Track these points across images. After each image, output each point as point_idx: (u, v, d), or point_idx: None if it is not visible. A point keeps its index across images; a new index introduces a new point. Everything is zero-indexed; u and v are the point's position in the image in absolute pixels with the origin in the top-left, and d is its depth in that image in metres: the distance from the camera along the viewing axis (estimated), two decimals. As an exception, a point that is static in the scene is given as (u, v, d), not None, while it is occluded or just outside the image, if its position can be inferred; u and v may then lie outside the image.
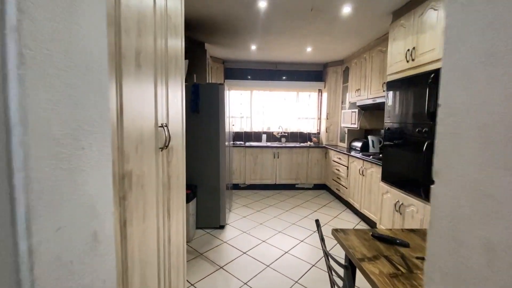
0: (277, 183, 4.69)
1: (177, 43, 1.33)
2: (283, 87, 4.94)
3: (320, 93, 5.15)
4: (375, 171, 2.96)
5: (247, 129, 5.09)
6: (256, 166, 4.62)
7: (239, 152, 4.58)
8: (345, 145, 4.45)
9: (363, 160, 3.25)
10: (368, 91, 3.59)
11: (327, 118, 4.84)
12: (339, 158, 4.04)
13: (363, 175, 3.25)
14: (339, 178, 4.05)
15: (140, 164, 0.83)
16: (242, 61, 4.86)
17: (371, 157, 3.20)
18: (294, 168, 4.68)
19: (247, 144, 4.76)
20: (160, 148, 1.04)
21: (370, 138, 3.84)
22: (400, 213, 2.35)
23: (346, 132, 4.37)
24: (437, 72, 1.95)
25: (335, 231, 1.29)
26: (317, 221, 1.23)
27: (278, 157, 4.63)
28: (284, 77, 5.09)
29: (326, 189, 4.76)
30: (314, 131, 5.19)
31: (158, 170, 1.03)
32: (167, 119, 1.14)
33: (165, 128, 1.07)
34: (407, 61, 2.34)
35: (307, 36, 3.39)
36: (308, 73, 5.12)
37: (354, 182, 3.54)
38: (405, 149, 2.35)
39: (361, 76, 3.83)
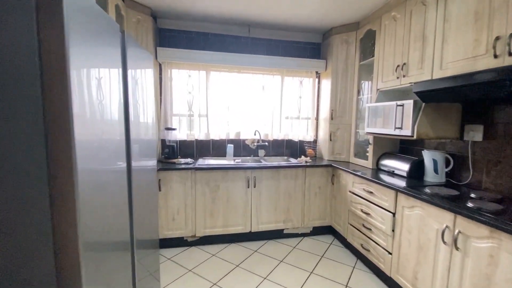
0: (253, 230, 2.69)
1: None
2: (260, 66, 2.96)
3: (318, 78, 3.28)
4: (504, 247, 1.14)
5: (201, 136, 3.01)
6: (217, 203, 2.57)
7: (183, 178, 2.48)
8: (366, 162, 2.63)
9: (460, 214, 1.42)
10: (436, 63, 1.79)
11: (332, 118, 2.99)
12: (369, 192, 2.19)
13: (457, 249, 1.42)
14: (367, 227, 2.20)
15: None
16: (189, 17, 2.76)
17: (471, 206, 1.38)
18: (282, 203, 2.73)
19: (200, 163, 2.67)
20: None
21: (428, 154, 2.05)
22: None
23: (371, 141, 2.55)
24: None
25: None
26: None
27: (254, 186, 2.64)
28: (261, 50, 3.11)
29: (333, 233, 2.90)
30: (309, 138, 3.31)
31: None
32: None
33: None
34: None
35: None
36: (299, 46, 3.21)
37: (415, 251, 1.71)
38: None
39: (411, 40, 2.02)
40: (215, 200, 2.56)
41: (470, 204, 1.44)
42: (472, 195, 1.64)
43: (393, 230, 1.92)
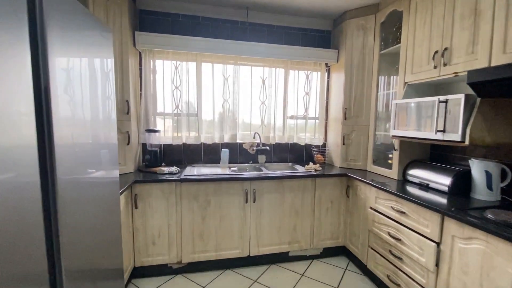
0: (252, 254, 2.22)
1: None
2: (260, 55, 2.49)
3: (327, 71, 2.82)
4: None
5: (190, 140, 2.53)
6: (208, 222, 2.10)
7: (166, 192, 2.00)
8: (389, 172, 2.17)
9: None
10: (496, 46, 1.34)
11: (345, 119, 2.53)
12: (400, 212, 1.73)
13: (556, 309, 0.96)
14: (397, 256, 1.74)
15: None
16: (175, -4, 2.29)
17: None
18: (287, 221, 2.26)
19: (188, 173, 2.19)
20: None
21: (478, 164, 1.59)
22: None
23: (398, 146, 2.09)
24: None
25: None
26: None
27: (254, 200, 2.17)
28: (261, 38, 2.64)
29: (347, 255, 2.44)
30: (318, 141, 2.84)
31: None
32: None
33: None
34: None
35: None
36: (306, 34, 2.75)
37: (477, 298, 1.25)
38: None
39: (456, 18, 1.57)
40: (205, 219, 2.08)
41: None
42: (556, 224, 1.18)
43: (437, 265, 1.46)
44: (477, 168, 1.59)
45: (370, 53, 2.37)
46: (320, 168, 2.46)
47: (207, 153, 2.62)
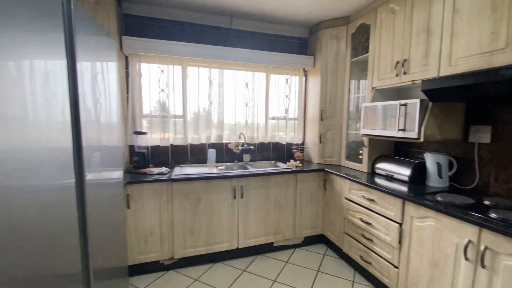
0: (240, 246, 2.38)
1: None
2: (243, 60, 2.65)
3: (305, 76, 3.06)
4: None
5: (177, 141, 2.62)
6: (198, 218, 2.22)
7: (157, 192, 2.08)
8: (360, 166, 2.46)
9: (487, 228, 1.26)
10: (443, 59, 1.64)
11: (321, 119, 2.78)
12: (370, 200, 2.00)
13: (483, 266, 1.26)
14: (368, 238, 2.01)
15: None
16: (161, 1, 2.36)
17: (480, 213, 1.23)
18: (272, 214, 2.46)
19: (177, 173, 2.29)
20: None
21: (431, 157, 1.91)
22: None
23: (367, 143, 2.38)
24: None
25: None
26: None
27: (242, 196, 2.33)
28: (245, 44, 2.80)
29: (326, 243, 2.69)
30: (298, 140, 3.08)
31: None
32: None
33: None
34: None
35: None
36: (285, 41, 2.96)
37: (428, 267, 1.53)
38: None
39: (413, 34, 1.86)
40: (196, 216, 2.20)
41: (493, 215, 1.29)
42: (486, 202, 1.51)
43: (400, 242, 1.74)
44: (430, 160, 1.91)
45: (342, 60, 2.65)
46: (300, 165, 2.69)
47: (194, 153, 2.72)
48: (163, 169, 2.27)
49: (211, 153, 2.64)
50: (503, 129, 1.62)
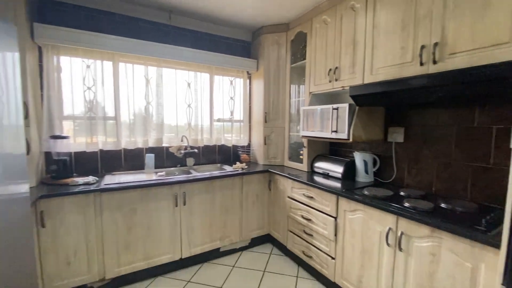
0: (184, 256, 2.24)
1: None
2: (184, 59, 2.53)
3: (249, 78, 3.09)
4: (459, 250, 1.20)
5: (108, 145, 2.33)
6: (135, 231, 2.00)
7: (82, 205, 1.80)
8: (301, 166, 2.60)
9: (402, 216, 1.45)
10: (366, 68, 1.85)
11: (266, 122, 2.85)
12: (309, 197, 2.12)
13: (401, 249, 1.45)
14: (309, 233, 2.13)
15: None
16: (84, -12, 2.07)
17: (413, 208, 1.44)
18: (218, 218, 2.39)
19: (108, 182, 2.03)
20: None
21: (359, 156, 2.14)
22: None
23: (306, 144, 2.53)
24: None
25: None
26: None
27: (184, 203, 2.20)
28: (185, 42, 2.67)
29: (272, 242, 2.76)
30: (243, 142, 3.08)
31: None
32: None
33: None
34: None
35: None
36: (229, 42, 2.94)
37: (359, 255, 1.70)
38: None
39: (343, 44, 2.06)
40: (131, 229, 1.98)
41: (407, 204, 1.50)
42: (402, 193, 1.75)
43: (335, 235, 1.88)
44: (358, 159, 2.13)
45: (283, 65, 2.76)
46: (246, 167, 2.70)
47: (129, 159, 2.46)
48: (90, 178, 1.99)
49: (149, 158, 2.43)
50: (412, 130, 1.91)
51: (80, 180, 1.95)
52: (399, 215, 1.44)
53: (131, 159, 2.47)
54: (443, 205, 1.48)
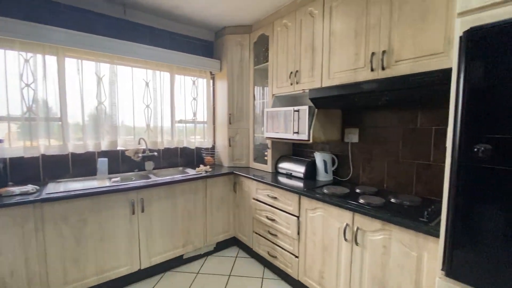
0: (144, 267, 2.10)
1: None
2: (141, 57, 2.38)
3: (212, 79, 3.03)
4: (402, 238, 1.31)
5: (52, 149, 2.08)
6: (84, 244, 1.81)
7: (18, 219, 1.57)
8: (265, 167, 2.62)
9: (358, 212, 1.53)
10: (324, 72, 1.94)
11: (230, 123, 2.82)
12: (273, 198, 2.15)
13: (357, 244, 1.53)
14: (273, 234, 2.16)
15: None
16: (20, -29, 1.83)
17: (365, 203, 1.53)
18: (180, 224, 2.29)
19: (51, 191, 1.81)
20: None
21: (319, 156, 2.23)
22: None
23: (270, 146, 2.56)
24: None
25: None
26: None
27: (142, 210, 2.06)
28: (143, 39, 2.52)
29: (238, 244, 2.73)
30: (207, 144, 3.01)
31: None
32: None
33: None
34: None
35: None
36: (190, 41, 2.85)
37: (320, 252, 1.76)
38: None
39: (302, 49, 2.13)
40: (81, 242, 1.79)
41: (361, 201, 1.59)
42: (357, 190, 1.86)
43: (298, 234, 1.93)
44: (318, 158, 2.22)
45: (247, 67, 2.76)
46: (210, 169, 2.63)
47: (78, 164, 2.23)
48: (29, 188, 1.75)
49: (102, 163, 2.23)
50: (366, 131, 2.05)
51: (17, 189, 1.70)
52: (354, 211, 1.52)
53: (81, 165, 2.24)
54: (392, 200, 1.61)
